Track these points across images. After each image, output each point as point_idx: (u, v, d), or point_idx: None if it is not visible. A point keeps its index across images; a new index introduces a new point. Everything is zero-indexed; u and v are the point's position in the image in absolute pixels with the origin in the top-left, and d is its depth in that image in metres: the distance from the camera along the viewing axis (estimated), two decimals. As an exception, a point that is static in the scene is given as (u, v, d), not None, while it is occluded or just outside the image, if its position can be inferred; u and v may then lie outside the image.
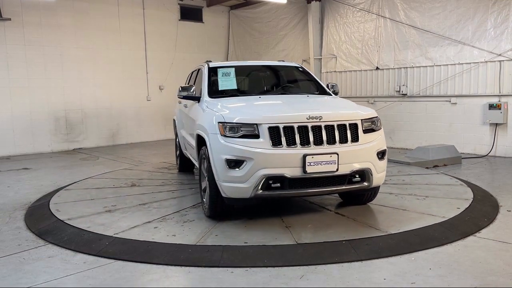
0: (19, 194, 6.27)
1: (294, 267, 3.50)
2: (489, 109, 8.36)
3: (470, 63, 8.67)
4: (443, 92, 9.16)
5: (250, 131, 4.18)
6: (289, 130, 4.17)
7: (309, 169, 4.14)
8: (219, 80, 5.54)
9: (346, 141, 4.31)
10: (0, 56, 9.74)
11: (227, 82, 5.59)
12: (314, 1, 11.19)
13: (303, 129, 4.20)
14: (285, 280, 3.29)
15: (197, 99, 5.44)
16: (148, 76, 12.13)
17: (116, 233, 4.23)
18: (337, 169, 4.22)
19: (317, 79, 6.13)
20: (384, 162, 4.61)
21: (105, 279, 3.37)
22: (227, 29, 13.75)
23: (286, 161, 4.12)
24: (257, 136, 4.16)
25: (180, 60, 12.48)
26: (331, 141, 4.26)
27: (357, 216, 4.70)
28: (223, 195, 4.33)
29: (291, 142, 4.16)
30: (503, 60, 8.20)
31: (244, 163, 4.11)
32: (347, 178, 4.36)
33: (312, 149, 4.18)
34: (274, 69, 6.36)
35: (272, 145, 4.13)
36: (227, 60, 13.54)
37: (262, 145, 4.13)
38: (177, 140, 7.48)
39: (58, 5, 10.41)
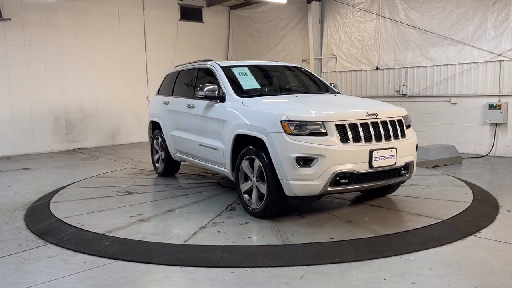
0: (19, 194, 6.27)
1: (294, 267, 3.50)
2: (489, 109, 8.36)
3: (470, 63, 8.67)
4: (443, 92, 9.16)
5: (316, 129, 4.22)
6: (353, 127, 4.32)
7: (375, 163, 4.34)
8: (239, 79, 5.45)
9: (397, 137, 4.60)
10: (0, 56, 9.75)
11: (248, 81, 5.49)
12: (314, 1, 11.20)
13: (364, 126, 4.38)
14: (285, 280, 3.29)
15: (219, 98, 5.24)
16: (148, 76, 12.12)
17: (185, 241, 4.00)
18: (395, 163, 4.50)
19: (323, 79, 6.27)
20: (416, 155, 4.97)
21: (105, 279, 3.37)
22: (227, 29, 13.75)
23: (355, 157, 4.26)
24: (324, 134, 4.22)
25: (180, 60, 12.36)
26: (387, 136, 4.51)
27: (396, 207, 4.98)
28: (289, 193, 4.29)
29: (356, 139, 4.30)
30: (503, 60, 8.20)
31: (315, 160, 4.14)
32: (397, 171, 4.63)
33: (376, 144, 4.39)
34: (281, 69, 6.33)
35: (341, 142, 4.24)
36: (227, 60, 13.53)
37: (331, 142, 4.20)
38: (154, 143, 7.09)
39: (58, 5, 10.41)
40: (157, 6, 12.14)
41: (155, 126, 7.13)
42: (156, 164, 7.22)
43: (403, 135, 4.66)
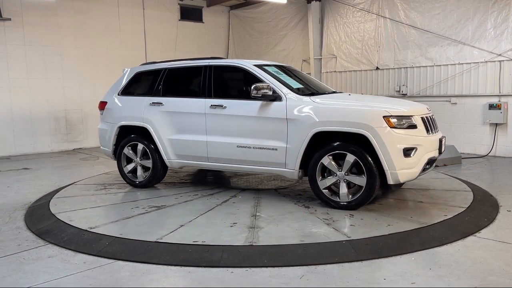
0: (19, 194, 6.27)
1: (294, 267, 3.50)
2: (489, 109, 8.36)
3: (470, 63, 8.67)
4: (443, 92, 9.16)
5: (410, 122, 4.71)
6: (426, 119, 4.92)
7: (442, 150, 5.09)
8: (282, 78, 5.47)
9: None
10: (0, 56, 9.75)
11: (290, 80, 5.53)
12: (314, 1, 11.20)
13: (429, 119, 5.01)
14: (285, 280, 3.29)
15: (275, 98, 5.11)
16: (148, 76, 12.11)
17: (349, 237, 3.97)
18: (444, 150, 5.22)
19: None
20: None
21: (105, 279, 3.37)
22: (227, 29, 13.75)
23: (435, 145, 4.94)
24: (415, 126, 4.72)
25: (180, 60, 12.45)
26: (436, 127, 5.23)
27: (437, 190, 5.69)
28: (395, 182, 4.62)
29: (431, 130, 4.95)
30: (503, 60, 8.21)
31: (415, 150, 4.63)
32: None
33: (438, 134, 5.10)
34: (288, 70, 6.24)
35: (427, 132, 4.82)
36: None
37: (422, 133, 4.76)
38: (126, 151, 6.25)
39: (58, 5, 10.41)
40: (157, 6, 12.14)
41: (124, 132, 6.37)
42: (135, 179, 6.28)
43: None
